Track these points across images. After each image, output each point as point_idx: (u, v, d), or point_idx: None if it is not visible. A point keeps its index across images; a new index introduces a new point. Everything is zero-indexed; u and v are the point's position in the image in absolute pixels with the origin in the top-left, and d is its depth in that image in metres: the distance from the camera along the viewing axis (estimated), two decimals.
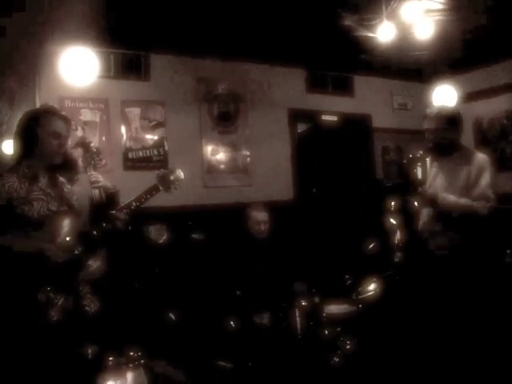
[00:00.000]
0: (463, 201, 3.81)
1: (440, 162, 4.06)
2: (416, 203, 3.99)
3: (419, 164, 3.96)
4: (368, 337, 4.43)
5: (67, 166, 3.95)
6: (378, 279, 4.78)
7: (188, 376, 2.89)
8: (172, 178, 3.29)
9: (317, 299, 4.56)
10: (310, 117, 7.26)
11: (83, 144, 3.60)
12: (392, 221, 4.16)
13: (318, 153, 7.36)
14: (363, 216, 6.77)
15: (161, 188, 3.24)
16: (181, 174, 3.34)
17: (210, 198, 6.27)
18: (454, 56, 6.55)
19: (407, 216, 4.01)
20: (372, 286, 4.80)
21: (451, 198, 3.84)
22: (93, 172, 3.51)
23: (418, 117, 7.61)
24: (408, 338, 4.19)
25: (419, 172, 3.94)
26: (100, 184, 3.47)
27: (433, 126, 3.98)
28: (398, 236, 4.20)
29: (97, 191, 3.33)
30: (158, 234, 5.30)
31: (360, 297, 4.76)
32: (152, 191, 3.20)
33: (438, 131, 3.96)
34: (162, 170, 3.33)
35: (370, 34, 5.26)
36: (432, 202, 3.89)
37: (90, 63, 5.12)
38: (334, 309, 4.73)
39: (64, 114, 3.16)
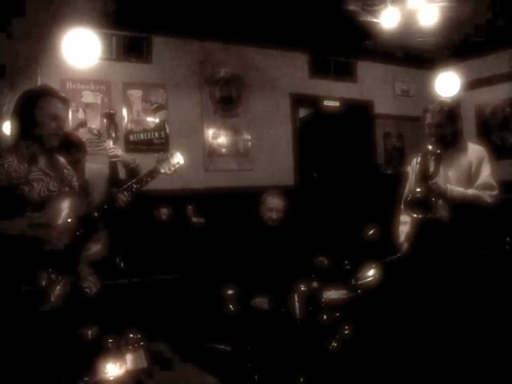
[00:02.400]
0: (470, 191, 3.86)
1: (445, 155, 4.00)
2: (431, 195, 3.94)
3: (433, 158, 3.94)
4: (366, 322, 4.44)
5: (74, 148, 3.96)
6: (377, 265, 4.78)
7: (186, 358, 2.91)
8: (172, 161, 3.29)
9: (315, 284, 4.56)
10: (312, 102, 7.25)
11: (109, 115, 3.58)
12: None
13: (320, 138, 7.34)
14: (363, 201, 6.79)
15: (161, 171, 3.24)
16: (181, 157, 3.35)
17: (211, 181, 6.28)
18: (458, 43, 6.52)
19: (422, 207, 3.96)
20: (371, 272, 4.80)
21: (459, 189, 3.88)
22: (112, 146, 3.51)
23: (421, 103, 7.68)
24: (407, 324, 4.20)
25: (432, 166, 3.93)
26: (119, 158, 3.47)
27: (435, 120, 4.00)
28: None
29: (113, 165, 3.34)
30: (162, 215, 5.32)
31: (359, 282, 4.75)
32: (152, 174, 3.20)
33: (440, 126, 3.98)
34: (162, 153, 3.33)
35: (374, 20, 5.23)
36: (441, 193, 3.88)
37: (91, 45, 5.09)
38: (333, 294, 4.72)
39: (63, 94, 3.12)
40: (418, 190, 3.92)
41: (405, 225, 4.31)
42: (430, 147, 3.97)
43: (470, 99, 7.31)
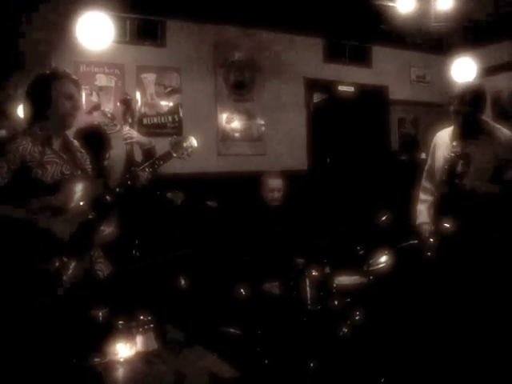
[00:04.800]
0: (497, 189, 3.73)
1: (463, 144, 3.86)
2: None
3: (461, 161, 3.78)
4: (378, 309, 4.44)
5: (102, 143, 3.99)
6: (390, 251, 4.77)
7: (197, 341, 2.92)
8: (185, 144, 3.29)
9: (327, 269, 4.55)
10: (327, 87, 7.22)
11: (125, 101, 3.58)
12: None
13: (334, 123, 7.30)
14: (377, 187, 6.77)
15: (174, 155, 3.24)
16: (194, 141, 3.34)
17: (224, 165, 6.29)
18: (474, 28, 6.43)
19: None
20: (384, 258, 4.79)
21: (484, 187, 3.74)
22: (127, 128, 3.53)
23: (436, 89, 7.69)
24: (418, 311, 4.20)
25: (460, 167, 3.79)
26: (134, 140, 3.48)
27: (463, 108, 3.84)
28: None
29: (129, 147, 3.35)
30: (175, 199, 5.32)
31: (371, 268, 4.74)
32: (165, 158, 3.20)
33: (467, 113, 3.84)
34: (175, 136, 3.32)
35: (390, 3, 5.17)
36: (469, 193, 3.74)
37: (105, 28, 5.08)
38: (345, 280, 4.73)
39: (75, 77, 3.13)
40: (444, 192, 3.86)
41: (423, 203, 4.24)
42: (456, 146, 3.84)
43: (486, 85, 7.17)
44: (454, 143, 3.87)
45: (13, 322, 2.59)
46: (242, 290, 4.30)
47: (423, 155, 7.41)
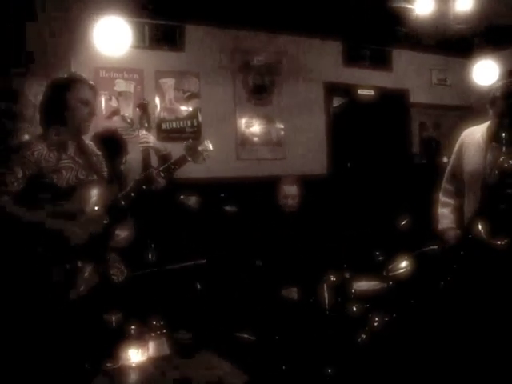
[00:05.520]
0: None
1: (497, 148, 3.55)
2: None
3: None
4: (397, 315, 4.38)
5: (118, 148, 4.01)
6: (411, 256, 4.72)
7: (210, 347, 2.91)
8: (200, 148, 3.25)
9: (347, 274, 4.52)
10: (346, 91, 7.17)
11: (142, 105, 3.60)
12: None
13: (354, 127, 7.25)
14: (397, 192, 6.71)
15: (189, 159, 3.21)
16: (209, 144, 3.31)
17: (243, 170, 6.27)
18: (497, 30, 6.35)
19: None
20: (404, 264, 4.74)
21: None
22: (144, 132, 3.54)
23: (458, 93, 7.60)
24: (438, 319, 4.13)
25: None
26: (150, 144, 3.49)
27: (506, 108, 3.48)
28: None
29: (145, 152, 3.35)
30: (193, 204, 5.33)
31: (391, 274, 4.69)
32: (180, 162, 3.19)
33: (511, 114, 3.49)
34: (190, 140, 3.29)
35: (408, 6, 5.12)
36: None
37: (124, 33, 5.10)
38: (364, 285, 4.69)
39: (92, 82, 3.14)
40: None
41: (446, 207, 3.94)
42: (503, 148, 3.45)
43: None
44: (504, 149, 3.46)
45: (26, 325, 2.61)
46: (261, 296, 4.30)
47: (445, 159, 7.34)
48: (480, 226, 3.51)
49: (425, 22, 5.26)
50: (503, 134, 3.50)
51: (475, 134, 3.81)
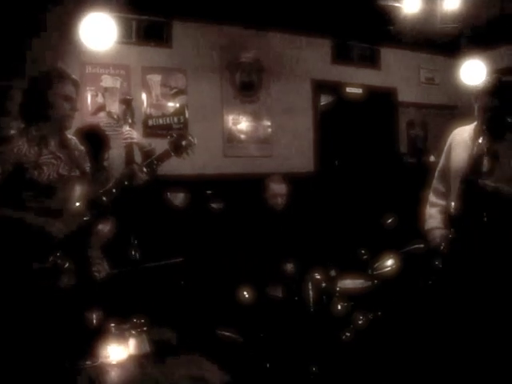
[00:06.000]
0: None
1: (490, 142, 3.56)
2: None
3: (488, 156, 3.52)
4: (382, 313, 4.39)
5: (101, 143, 3.98)
6: (396, 255, 4.72)
7: (192, 346, 2.89)
8: (184, 143, 3.17)
9: (333, 272, 4.52)
10: (334, 88, 7.15)
11: (126, 101, 3.57)
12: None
13: (342, 125, 7.24)
14: (384, 190, 6.72)
15: (172, 153, 3.15)
16: (193, 139, 3.25)
17: (230, 167, 6.25)
18: (484, 30, 6.36)
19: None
20: (389, 262, 4.75)
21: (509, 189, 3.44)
22: (127, 128, 3.51)
23: (446, 92, 7.61)
24: (423, 317, 4.13)
25: (486, 164, 3.52)
26: (134, 140, 3.46)
27: (491, 101, 3.58)
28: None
29: (129, 147, 3.33)
30: (178, 200, 5.31)
31: (376, 272, 4.70)
32: (163, 157, 3.13)
33: (495, 108, 3.57)
34: (174, 135, 3.22)
35: (397, 4, 5.12)
36: (490, 195, 3.46)
37: (110, 29, 5.07)
38: (349, 283, 4.68)
39: (74, 77, 3.10)
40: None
41: (435, 207, 3.92)
42: (481, 143, 3.53)
43: None
44: (480, 140, 3.55)
45: (6, 321, 2.58)
46: (244, 293, 4.27)
47: (432, 158, 7.36)
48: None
49: (413, 21, 5.28)
50: (485, 128, 3.57)
51: (463, 133, 3.84)
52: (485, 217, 3.47)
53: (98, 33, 5.03)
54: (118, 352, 2.64)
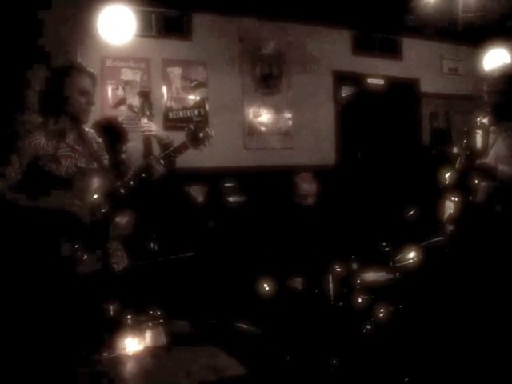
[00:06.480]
0: None
1: (499, 128, 3.68)
2: (474, 176, 3.63)
3: (480, 133, 3.66)
4: (403, 306, 4.34)
5: (118, 136, 3.99)
6: (418, 248, 4.67)
7: (209, 338, 2.89)
8: (201, 135, 3.13)
9: (355, 265, 4.49)
10: (356, 80, 7.09)
11: (143, 93, 3.58)
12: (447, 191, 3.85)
13: (363, 117, 7.18)
14: (407, 182, 6.65)
15: (189, 146, 3.12)
16: (211, 131, 3.22)
17: (251, 159, 6.24)
18: (509, 18, 6.24)
19: (464, 189, 3.72)
20: (411, 254, 4.70)
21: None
22: (146, 121, 3.51)
23: (469, 82, 7.48)
24: (444, 311, 4.08)
25: (479, 141, 3.66)
26: (153, 133, 3.46)
27: (494, 87, 3.66)
28: (451, 208, 3.95)
29: (147, 140, 3.33)
30: (198, 194, 5.31)
31: (398, 265, 4.66)
32: (181, 149, 3.11)
33: (500, 93, 3.64)
34: (191, 127, 3.20)
35: None
36: (491, 174, 3.56)
37: (130, 22, 5.09)
38: (371, 276, 4.65)
39: (91, 70, 3.10)
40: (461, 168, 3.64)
41: (452, 201, 3.91)
42: (479, 119, 3.69)
43: None
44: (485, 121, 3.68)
45: (23, 311, 2.61)
46: (264, 286, 4.27)
47: (455, 149, 7.26)
48: None
49: (435, 10, 5.20)
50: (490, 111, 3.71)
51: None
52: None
53: (118, 26, 5.07)
54: (134, 344, 2.65)
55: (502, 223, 3.56)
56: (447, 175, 3.89)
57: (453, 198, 3.84)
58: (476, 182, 3.62)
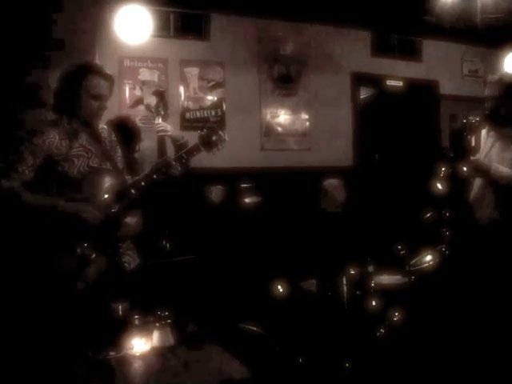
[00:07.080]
0: None
1: (497, 132, 3.85)
2: (467, 172, 3.76)
3: (474, 131, 3.78)
4: (418, 310, 4.30)
5: (131, 135, 4.00)
6: (434, 251, 4.62)
7: (216, 340, 2.88)
8: (214, 138, 3.10)
9: (371, 268, 4.45)
10: (374, 81, 7.06)
11: (158, 93, 3.58)
12: (439, 187, 3.94)
13: (382, 119, 7.14)
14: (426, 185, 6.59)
15: (202, 148, 3.11)
16: (224, 135, 3.20)
17: (267, 160, 6.24)
18: None
19: (457, 184, 3.81)
20: (428, 258, 4.65)
21: (505, 170, 3.66)
22: (161, 121, 3.51)
23: None
24: (457, 314, 4.05)
25: (473, 139, 3.74)
26: (168, 133, 3.45)
27: (493, 92, 3.78)
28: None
29: (161, 140, 3.33)
30: (217, 194, 5.31)
31: (414, 268, 4.61)
32: (193, 151, 3.09)
33: (497, 99, 3.75)
34: (204, 129, 3.18)
35: None
36: (484, 172, 3.72)
37: (149, 22, 5.11)
38: (386, 279, 4.61)
39: (107, 71, 3.07)
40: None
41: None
42: (471, 117, 3.80)
43: None
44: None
45: (32, 310, 2.62)
46: (278, 288, 4.26)
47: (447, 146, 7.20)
48: None
49: (455, 11, 5.15)
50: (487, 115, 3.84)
51: None
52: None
53: (136, 26, 5.09)
54: (141, 344, 2.65)
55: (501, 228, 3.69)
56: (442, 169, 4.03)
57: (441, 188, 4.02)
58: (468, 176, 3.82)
